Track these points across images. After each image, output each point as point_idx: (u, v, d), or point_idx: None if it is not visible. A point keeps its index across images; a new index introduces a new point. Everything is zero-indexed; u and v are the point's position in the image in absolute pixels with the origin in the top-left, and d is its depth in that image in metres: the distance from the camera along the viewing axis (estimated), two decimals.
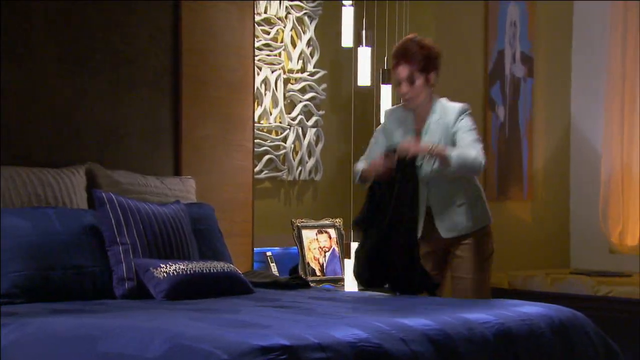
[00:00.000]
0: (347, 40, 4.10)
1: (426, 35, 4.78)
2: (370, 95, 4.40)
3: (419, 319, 2.66)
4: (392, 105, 4.22)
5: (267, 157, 4.42)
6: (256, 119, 4.28)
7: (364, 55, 4.09)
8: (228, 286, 3.25)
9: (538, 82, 5.49)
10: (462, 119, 3.34)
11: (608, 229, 5.37)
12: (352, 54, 4.25)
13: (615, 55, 5.35)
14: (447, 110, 3.36)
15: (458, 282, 3.47)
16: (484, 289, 3.47)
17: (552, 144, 5.59)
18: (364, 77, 4.09)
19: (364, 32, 4.07)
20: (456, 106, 3.38)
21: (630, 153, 5.32)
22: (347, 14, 4.08)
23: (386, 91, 4.19)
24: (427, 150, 3.24)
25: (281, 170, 4.49)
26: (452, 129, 3.33)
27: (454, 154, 3.26)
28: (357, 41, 4.13)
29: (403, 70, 3.31)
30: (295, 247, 4.28)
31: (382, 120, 3.55)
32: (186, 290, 3.11)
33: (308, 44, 4.60)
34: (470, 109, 3.39)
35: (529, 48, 5.43)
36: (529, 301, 3.35)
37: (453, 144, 3.33)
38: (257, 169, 4.32)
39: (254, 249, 4.08)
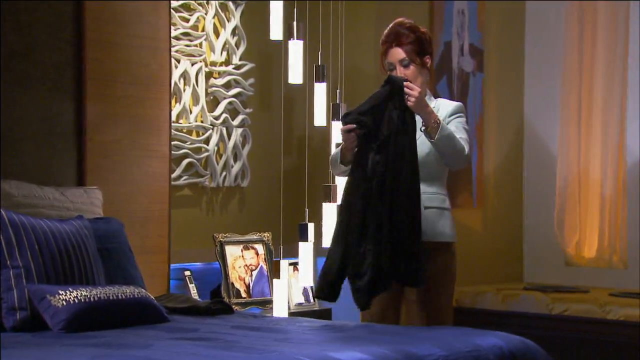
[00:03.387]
0: (276, 33, 4.02)
1: (365, 27, 4.79)
2: (303, 93, 4.34)
3: (354, 352, 2.63)
4: (327, 103, 4.16)
5: (186, 161, 4.35)
6: (174, 119, 4.23)
7: (295, 49, 4.01)
8: (139, 315, 3.20)
9: (489, 77, 5.49)
10: (459, 116, 3.37)
11: (564, 239, 5.41)
12: (282, 46, 4.19)
13: (572, 53, 5.41)
14: (443, 105, 3.40)
15: (415, 310, 3.37)
16: (446, 317, 3.39)
17: (504, 145, 5.60)
18: (295, 74, 4.02)
19: (295, 23, 4.00)
20: (453, 102, 3.44)
21: (588, 156, 5.36)
22: (276, 5, 4.01)
23: (320, 89, 4.13)
24: (422, 103, 3.18)
25: (203, 176, 4.42)
26: (448, 118, 3.35)
27: (448, 126, 3.28)
28: (288, 34, 4.05)
29: (398, 53, 3.36)
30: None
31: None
32: (89, 320, 3.04)
33: (233, 33, 4.54)
34: (465, 111, 3.43)
35: (479, 39, 5.42)
36: (478, 325, 3.36)
37: None
38: (175, 174, 4.26)
39: (171, 265, 4.02)
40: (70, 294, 3.03)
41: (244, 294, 4.25)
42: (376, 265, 3.16)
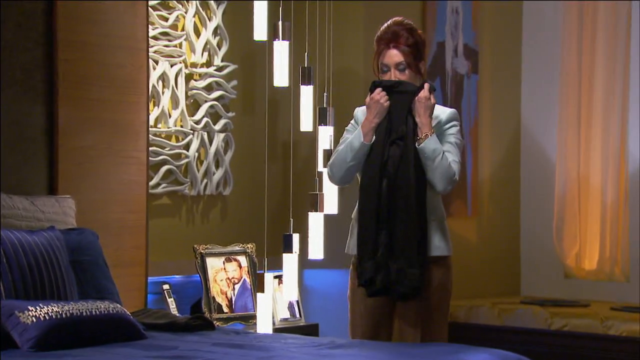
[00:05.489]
0: (260, 34, 4.01)
1: (354, 27, 4.78)
2: (289, 96, 4.33)
3: None
4: (313, 107, 4.15)
5: (165, 168, 4.34)
6: (152, 123, 4.22)
7: (281, 50, 4.00)
8: (113, 331, 3.18)
9: (484, 79, 5.49)
10: (452, 126, 3.38)
11: (563, 250, 5.40)
12: (266, 47, 4.18)
13: (570, 55, 5.42)
14: (436, 111, 3.39)
15: (408, 326, 3.36)
16: (441, 335, 3.38)
17: (500, 151, 5.59)
18: (280, 77, 4.00)
19: (280, 23, 3.98)
20: (447, 109, 3.43)
21: (588, 162, 5.36)
22: (260, 4, 4.00)
23: (307, 92, 4.11)
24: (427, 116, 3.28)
25: (182, 184, 4.41)
26: (441, 128, 3.36)
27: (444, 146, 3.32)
28: (273, 34, 4.04)
29: (395, 55, 3.36)
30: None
31: (353, 120, 3.51)
32: (60, 338, 3.02)
33: (215, 33, 4.53)
34: (459, 118, 3.45)
35: (474, 40, 5.41)
36: (473, 341, 3.35)
37: None
38: (152, 182, 4.25)
39: (149, 279, 4.01)
40: (40, 310, 3.01)
41: (225, 309, 4.23)
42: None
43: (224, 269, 4.28)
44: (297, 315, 4.46)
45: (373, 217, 3.26)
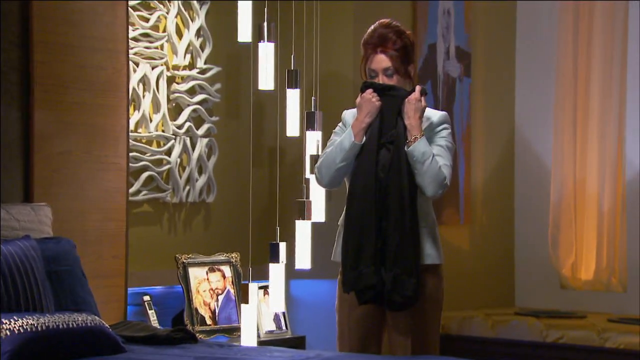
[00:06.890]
0: (244, 35, 4.02)
1: (342, 29, 4.79)
2: (274, 100, 4.33)
3: None
4: (300, 111, 4.16)
5: (146, 174, 4.34)
6: (132, 128, 4.22)
7: (266, 52, 4.00)
8: (92, 345, 3.19)
9: (476, 82, 5.51)
10: (444, 129, 3.39)
11: (558, 259, 5.42)
12: (251, 49, 4.19)
13: (566, 57, 5.45)
14: (427, 114, 3.39)
15: (398, 337, 3.35)
16: (432, 347, 3.38)
17: (493, 157, 5.61)
18: (265, 80, 4.01)
19: (265, 24, 3.99)
20: (438, 112, 3.44)
21: (584, 168, 5.38)
22: (244, 4, 4.01)
23: (293, 96, 4.12)
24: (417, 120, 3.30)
25: (164, 191, 4.42)
26: (432, 130, 3.36)
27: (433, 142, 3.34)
28: (258, 35, 4.05)
29: (382, 61, 3.37)
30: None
31: (340, 123, 3.52)
32: (36, 352, 3.02)
33: (197, 34, 4.54)
34: (450, 121, 3.46)
35: (466, 42, 5.43)
36: (465, 353, 3.35)
37: None
38: (133, 189, 4.25)
39: (129, 290, 4.01)
40: (15, 323, 3.01)
41: (209, 321, 4.23)
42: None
43: (207, 279, 4.28)
44: (283, 328, 4.46)
45: (372, 221, 3.26)
